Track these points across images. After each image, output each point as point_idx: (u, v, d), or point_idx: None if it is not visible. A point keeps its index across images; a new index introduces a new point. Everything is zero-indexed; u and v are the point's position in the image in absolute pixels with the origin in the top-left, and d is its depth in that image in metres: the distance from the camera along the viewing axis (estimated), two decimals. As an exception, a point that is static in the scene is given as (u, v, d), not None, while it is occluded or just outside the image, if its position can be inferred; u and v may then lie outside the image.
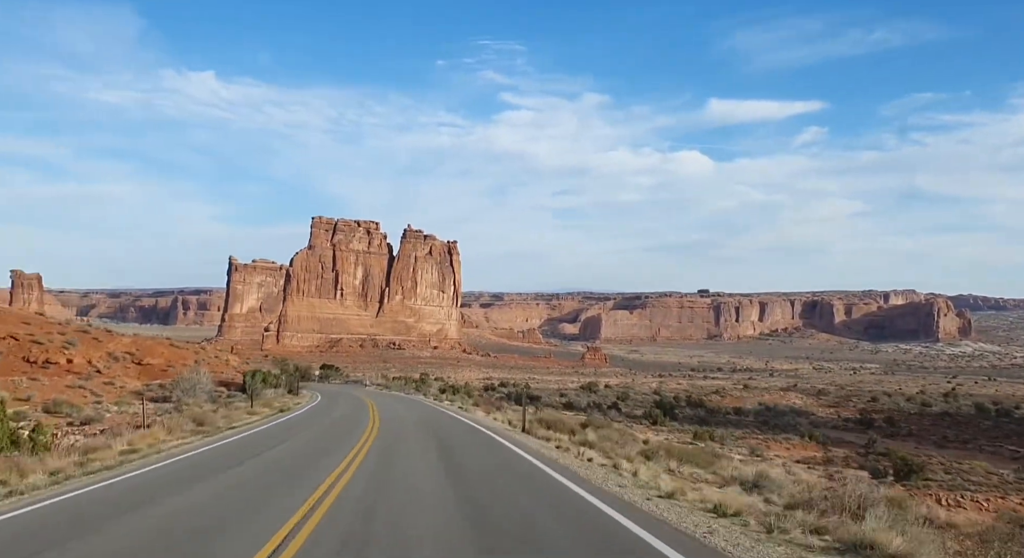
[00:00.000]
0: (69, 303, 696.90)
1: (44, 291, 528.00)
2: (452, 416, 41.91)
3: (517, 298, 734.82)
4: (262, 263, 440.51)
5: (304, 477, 16.90)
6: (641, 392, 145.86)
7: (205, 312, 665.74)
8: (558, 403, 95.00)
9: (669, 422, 74.86)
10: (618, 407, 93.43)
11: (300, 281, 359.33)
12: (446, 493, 15.36)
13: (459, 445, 26.53)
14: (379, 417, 37.19)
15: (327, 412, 40.61)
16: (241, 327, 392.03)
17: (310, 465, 19.28)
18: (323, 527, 11.43)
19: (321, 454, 21.82)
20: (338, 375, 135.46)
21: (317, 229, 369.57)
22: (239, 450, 22.83)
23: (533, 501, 14.50)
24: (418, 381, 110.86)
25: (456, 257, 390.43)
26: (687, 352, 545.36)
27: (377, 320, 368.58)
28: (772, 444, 64.35)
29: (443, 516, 12.85)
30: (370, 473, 17.94)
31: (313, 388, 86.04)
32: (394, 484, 16.32)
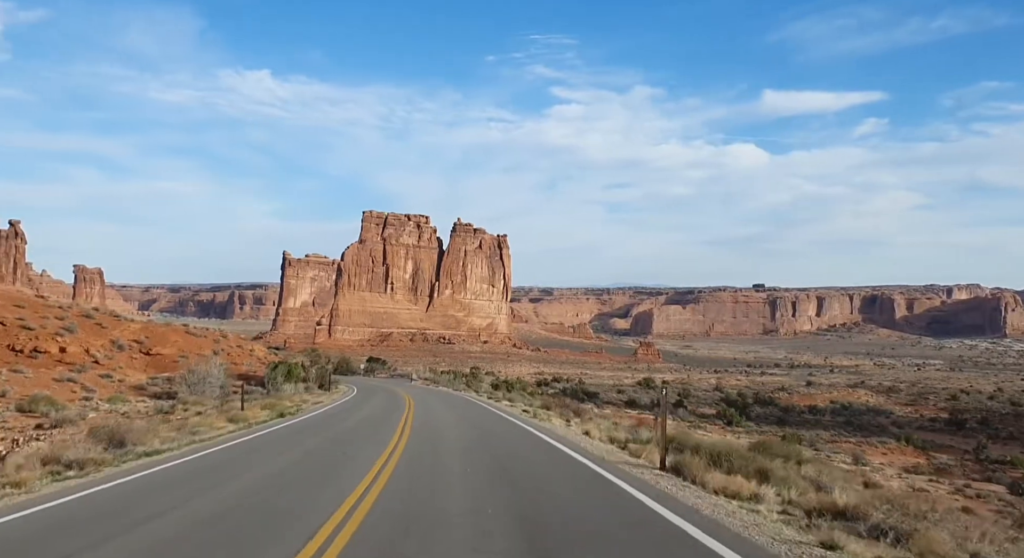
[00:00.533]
0: (131, 298, 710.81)
1: (106, 286, 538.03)
2: (519, 427, 29.23)
3: (567, 293, 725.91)
4: (315, 258, 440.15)
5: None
6: (701, 389, 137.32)
7: (261, 306, 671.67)
8: (617, 400, 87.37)
9: (745, 422, 66.66)
10: (683, 405, 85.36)
11: (351, 275, 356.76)
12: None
13: (570, 518, 12.00)
14: (411, 427, 26.71)
15: (343, 417, 31.17)
16: (295, 321, 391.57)
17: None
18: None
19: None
20: (384, 369, 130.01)
21: (368, 223, 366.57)
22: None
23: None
24: (468, 376, 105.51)
25: (506, 251, 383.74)
26: (742, 348, 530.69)
27: (427, 314, 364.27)
28: (867, 449, 56.09)
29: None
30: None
31: (354, 383, 79.88)
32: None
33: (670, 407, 79.60)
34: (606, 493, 14.23)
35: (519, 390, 65.59)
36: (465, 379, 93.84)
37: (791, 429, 62.65)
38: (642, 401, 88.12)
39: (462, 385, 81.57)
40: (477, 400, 52.19)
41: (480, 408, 41.81)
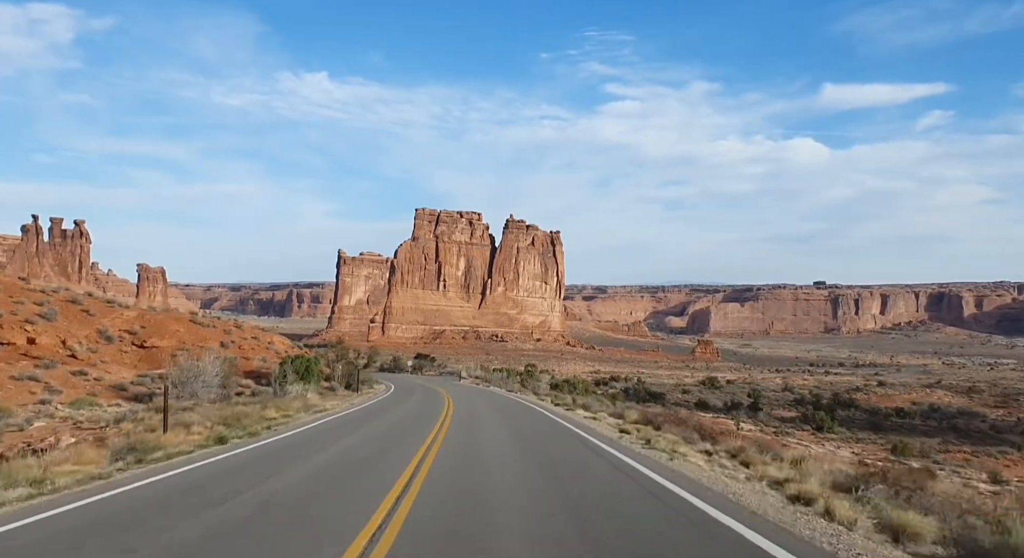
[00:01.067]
0: (193, 297, 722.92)
1: (168, 284, 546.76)
2: (643, 475, 15.32)
3: (621, 291, 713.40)
4: (369, 256, 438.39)
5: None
6: (769, 389, 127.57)
7: (318, 305, 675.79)
8: (683, 400, 78.91)
9: (837, 428, 57.79)
10: (759, 407, 76.45)
11: (404, 272, 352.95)
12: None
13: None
14: (431, 467, 15.87)
15: (324, 444, 19.90)
16: (350, 319, 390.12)
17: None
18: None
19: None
20: (432, 366, 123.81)
21: (420, 221, 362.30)
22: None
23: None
24: (523, 374, 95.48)
25: (559, 248, 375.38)
26: (803, 346, 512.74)
27: (479, 312, 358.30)
28: (986, 460, 47.08)
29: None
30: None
31: (397, 382, 73.12)
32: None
33: (746, 410, 70.90)
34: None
35: (586, 392, 56.98)
36: (520, 378, 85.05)
37: (890, 436, 53.67)
38: (713, 403, 79.45)
39: (516, 384, 73.36)
40: (538, 406, 41.46)
41: (549, 422, 30.02)
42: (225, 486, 13.11)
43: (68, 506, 11.26)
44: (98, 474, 13.73)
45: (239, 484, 13.34)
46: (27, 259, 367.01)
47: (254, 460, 16.56)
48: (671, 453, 18.95)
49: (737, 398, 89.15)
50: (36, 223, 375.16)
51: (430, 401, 41.28)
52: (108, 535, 9.61)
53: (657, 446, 20.52)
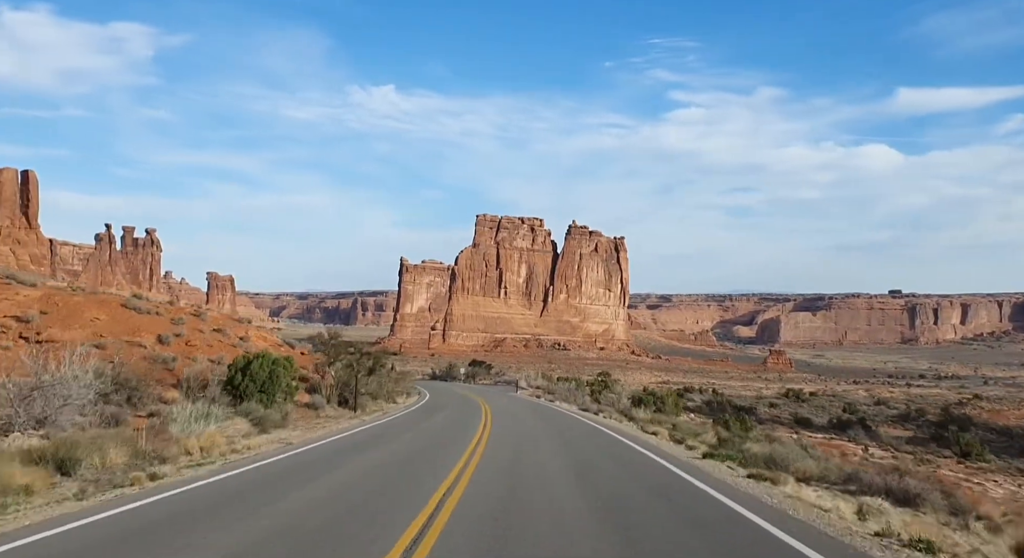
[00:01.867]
0: (263, 305, 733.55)
1: (237, 293, 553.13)
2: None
3: (686, 299, 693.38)
4: (431, 263, 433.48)
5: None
6: (859, 402, 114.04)
7: (382, 313, 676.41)
8: (775, 416, 67.23)
9: (987, 455, 45.61)
10: (866, 425, 64.22)
11: (465, 279, 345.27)
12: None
13: None
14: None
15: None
16: (411, 327, 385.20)
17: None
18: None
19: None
20: (488, 374, 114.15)
21: (481, 227, 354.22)
22: None
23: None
24: (596, 384, 75.72)
25: (623, 254, 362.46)
26: (879, 357, 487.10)
27: (541, 319, 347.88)
28: None
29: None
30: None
31: (440, 393, 63.40)
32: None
33: (853, 429, 58.95)
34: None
35: (676, 408, 44.12)
36: (590, 389, 68.92)
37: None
38: (815, 420, 67.22)
39: (585, 397, 58.99)
40: (641, 442, 26.90)
41: (715, 505, 14.42)
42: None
43: None
44: None
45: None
46: (100, 267, 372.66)
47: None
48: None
49: (833, 413, 76.78)
50: (109, 232, 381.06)
51: (455, 430, 28.68)
52: None
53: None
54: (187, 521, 11.35)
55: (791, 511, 13.65)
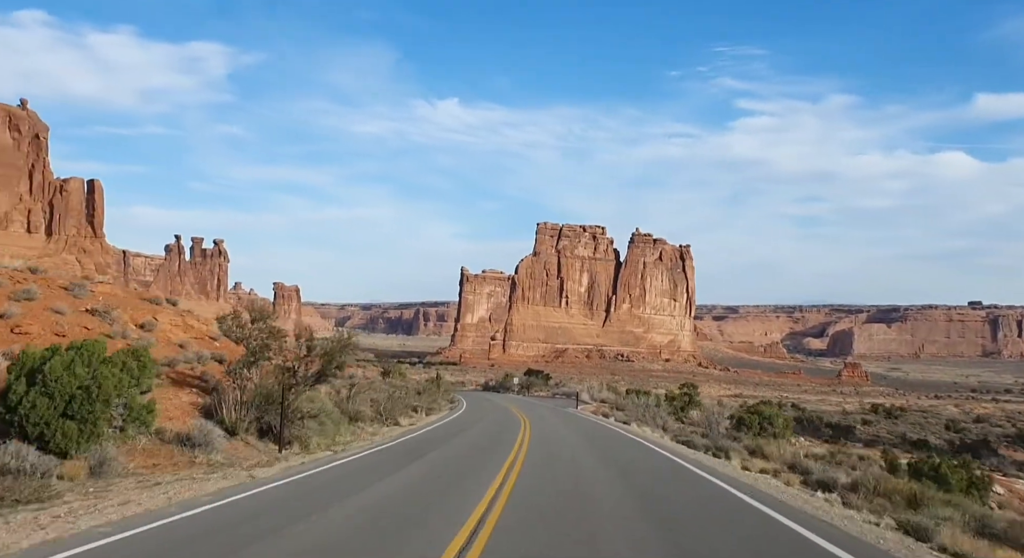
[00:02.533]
0: (328, 315, 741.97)
1: (302, 303, 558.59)
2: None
3: (754, 310, 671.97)
4: (491, 273, 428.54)
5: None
6: (958, 421, 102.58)
7: (444, 323, 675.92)
8: (874, 435, 57.91)
9: None
10: (993, 449, 54.21)
11: (525, 288, 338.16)
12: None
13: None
14: None
15: None
16: (472, 337, 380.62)
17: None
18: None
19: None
20: (545, 385, 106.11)
21: (542, 235, 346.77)
22: None
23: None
24: (679, 398, 58.27)
25: (689, 262, 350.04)
26: (959, 370, 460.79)
27: (603, 329, 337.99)
28: None
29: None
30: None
31: (480, 406, 57.05)
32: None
33: (973, 451, 49.37)
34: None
35: (786, 428, 32.77)
36: (671, 405, 54.43)
37: None
38: (932, 441, 57.04)
39: (666, 415, 46.62)
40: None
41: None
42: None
43: None
44: None
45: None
46: (170, 277, 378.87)
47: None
48: None
49: (936, 431, 66.65)
50: (178, 243, 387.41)
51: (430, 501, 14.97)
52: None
53: None
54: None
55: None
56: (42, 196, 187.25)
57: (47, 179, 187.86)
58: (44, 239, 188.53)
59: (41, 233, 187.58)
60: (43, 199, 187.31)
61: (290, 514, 12.84)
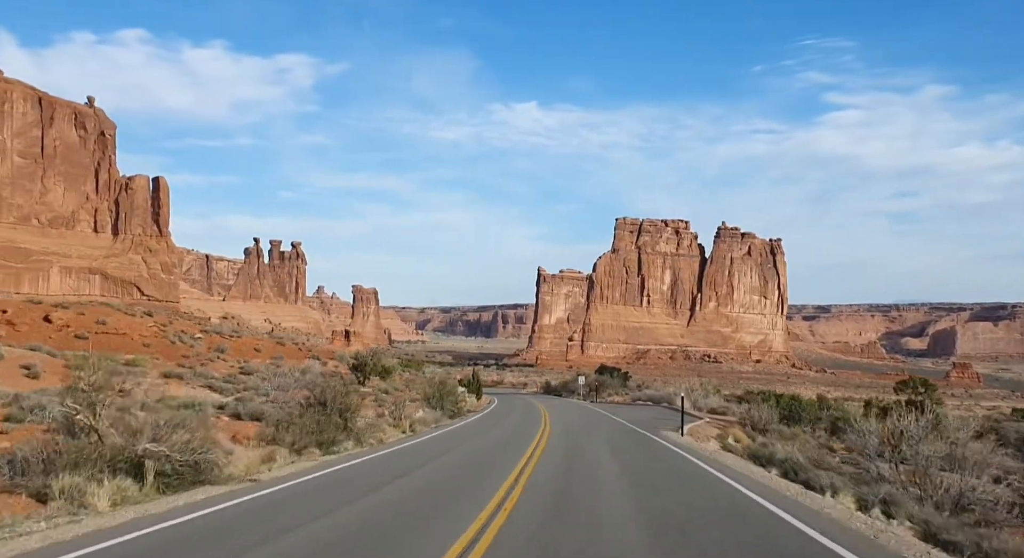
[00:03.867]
0: (408, 318, 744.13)
1: (381, 306, 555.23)
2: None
3: (847, 310, 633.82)
4: (569, 273, 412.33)
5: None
6: None
7: (522, 326, 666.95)
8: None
9: None
10: None
11: (604, 287, 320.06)
12: None
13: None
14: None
15: None
16: (550, 338, 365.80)
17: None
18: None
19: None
20: (624, 387, 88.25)
21: (621, 231, 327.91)
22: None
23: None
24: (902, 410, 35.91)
25: (780, 257, 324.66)
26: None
27: (688, 329, 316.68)
28: None
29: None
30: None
31: (512, 422, 39.68)
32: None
33: None
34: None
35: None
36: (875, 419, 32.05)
37: None
38: None
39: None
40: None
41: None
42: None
43: None
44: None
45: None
46: (249, 280, 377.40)
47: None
48: None
49: None
50: (257, 246, 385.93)
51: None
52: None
53: None
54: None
55: None
56: (108, 194, 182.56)
57: (113, 177, 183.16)
58: (111, 238, 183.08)
59: (108, 232, 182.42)
60: (109, 198, 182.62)
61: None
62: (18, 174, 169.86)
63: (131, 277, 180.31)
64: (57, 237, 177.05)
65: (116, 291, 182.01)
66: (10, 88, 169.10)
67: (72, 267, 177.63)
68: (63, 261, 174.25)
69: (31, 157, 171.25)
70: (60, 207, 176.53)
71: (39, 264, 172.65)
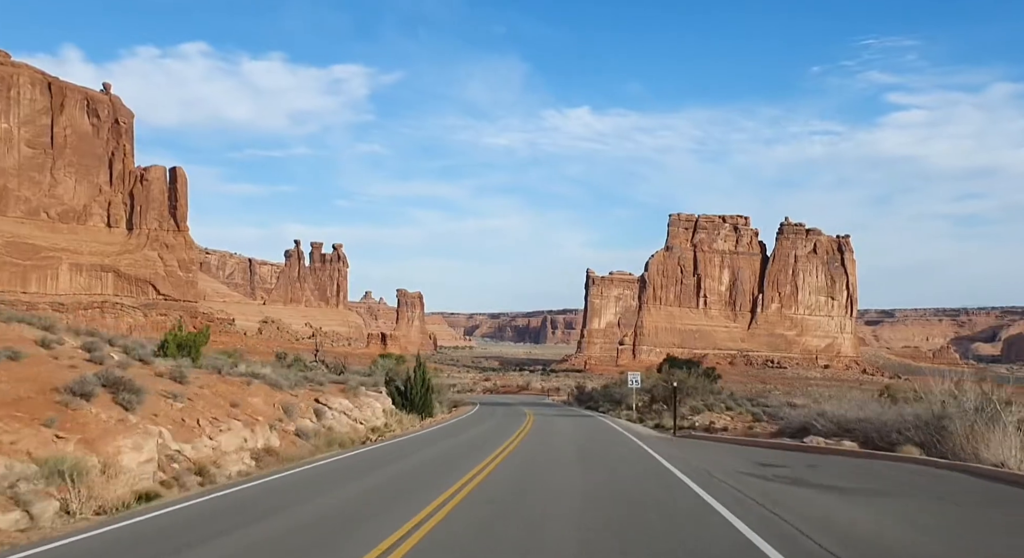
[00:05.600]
0: (457, 324, 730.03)
1: (433, 312, 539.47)
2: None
3: (912, 314, 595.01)
4: (619, 275, 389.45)
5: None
6: None
7: (571, 331, 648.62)
8: None
9: None
10: None
11: (656, 287, 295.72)
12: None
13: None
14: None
15: None
16: (600, 343, 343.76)
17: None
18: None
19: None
20: (707, 392, 63.99)
21: (675, 228, 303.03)
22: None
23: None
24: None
25: (849, 255, 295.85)
26: None
27: (749, 333, 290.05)
28: None
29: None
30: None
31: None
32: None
33: None
34: None
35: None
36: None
37: None
38: None
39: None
40: None
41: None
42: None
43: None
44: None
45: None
46: (289, 283, 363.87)
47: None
48: None
49: None
50: (298, 248, 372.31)
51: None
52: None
53: None
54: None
55: None
56: (122, 186, 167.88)
57: (127, 168, 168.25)
58: (125, 233, 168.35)
59: (122, 227, 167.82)
60: (123, 190, 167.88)
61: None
62: (26, 165, 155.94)
63: (146, 275, 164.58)
64: (67, 232, 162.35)
65: (130, 290, 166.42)
66: (17, 72, 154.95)
67: (83, 264, 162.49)
68: (73, 258, 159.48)
69: (40, 147, 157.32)
70: (71, 200, 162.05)
71: (47, 261, 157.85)
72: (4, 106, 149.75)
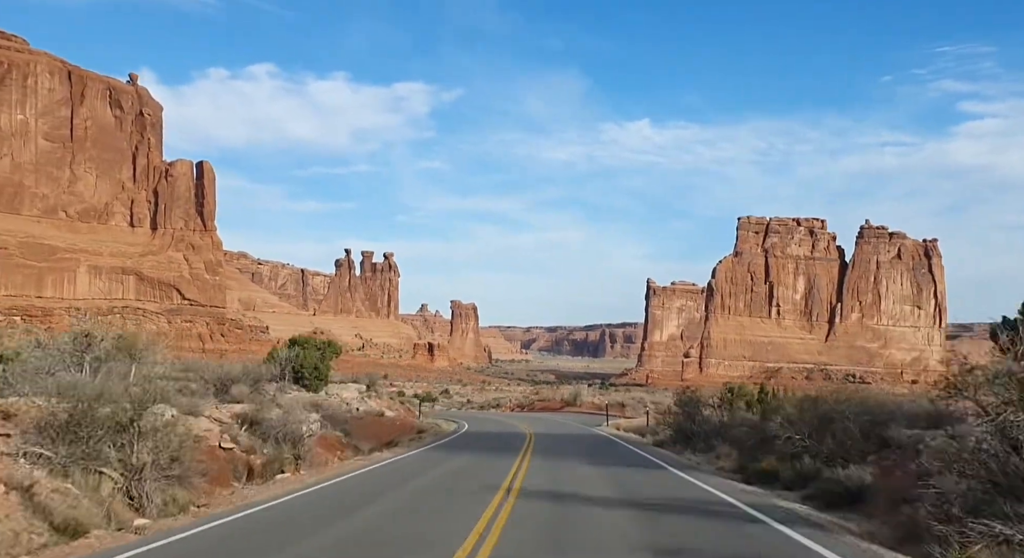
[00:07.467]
0: (513, 338, 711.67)
1: (489, 326, 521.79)
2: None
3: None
4: (681, 286, 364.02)
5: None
6: None
7: (631, 345, 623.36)
8: None
9: None
10: None
11: (724, 296, 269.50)
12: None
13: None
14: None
15: None
16: (661, 356, 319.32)
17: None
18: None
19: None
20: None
21: (744, 232, 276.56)
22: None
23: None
24: None
25: (937, 260, 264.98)
26: None
27: (827, 345, 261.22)
28: None
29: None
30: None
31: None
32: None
33: None
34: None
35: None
36: None
37: None
38: None
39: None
40: None
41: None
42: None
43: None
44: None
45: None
46: (339, 294, 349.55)
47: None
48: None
49: None
50: (348, 257, 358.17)
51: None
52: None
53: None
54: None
55: None
56: (146, 183, 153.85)
57: (152, 163, 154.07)
58: (148, 233, 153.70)
59: (146, 226, 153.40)
60: (147, 187, 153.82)
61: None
62: (43, 160, 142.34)
63: (170, 278, 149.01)
64: (87, 232, 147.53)
65: (153, 294, 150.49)
66: (34, 59, 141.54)
67: (103, 267, 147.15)
68: (93, 259, 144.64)
69: (59, 140, 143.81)
70: (91, 197, 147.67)
71: (65, 263, 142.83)
72: (20, 96, 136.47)
